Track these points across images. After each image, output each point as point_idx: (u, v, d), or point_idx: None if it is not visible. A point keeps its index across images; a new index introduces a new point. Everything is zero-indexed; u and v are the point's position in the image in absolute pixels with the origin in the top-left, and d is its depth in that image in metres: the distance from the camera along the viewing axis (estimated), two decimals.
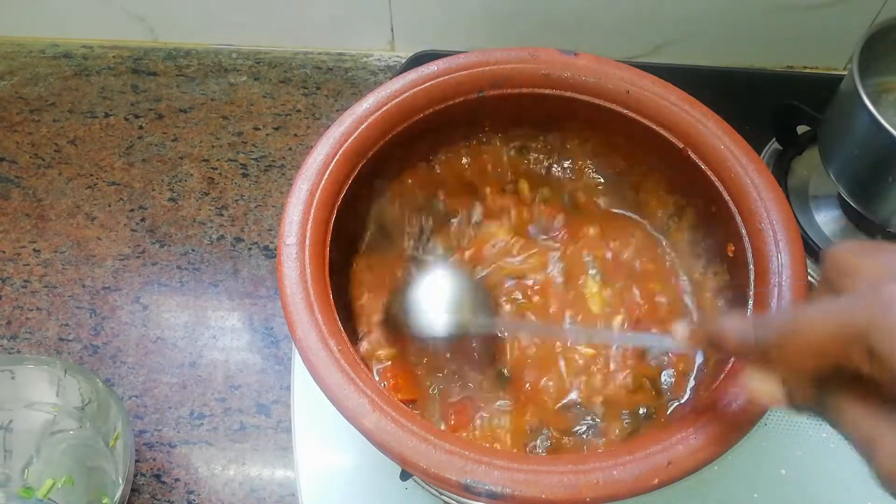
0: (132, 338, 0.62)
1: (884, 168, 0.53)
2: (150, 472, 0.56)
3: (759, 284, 0.44)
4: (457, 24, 0.74)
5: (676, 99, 0.49)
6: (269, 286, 0.64)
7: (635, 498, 0.36)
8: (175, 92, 0.76)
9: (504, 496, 0.36)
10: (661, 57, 0.75)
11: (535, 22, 0.73)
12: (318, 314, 0.41)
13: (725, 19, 0.71)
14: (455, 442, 0.37)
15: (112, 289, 0.64)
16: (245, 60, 0.79)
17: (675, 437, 0.37)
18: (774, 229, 0.44)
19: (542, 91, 0.51)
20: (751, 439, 0.38)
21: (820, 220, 0.62)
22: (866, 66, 0.53)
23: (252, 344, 0.62)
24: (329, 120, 0.73)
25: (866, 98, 0.51)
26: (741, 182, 0.46)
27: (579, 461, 0.37)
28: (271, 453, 0.57)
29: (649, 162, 0.52)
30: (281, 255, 0.43)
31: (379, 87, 0.49)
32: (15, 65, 0.79)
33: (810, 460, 0.53)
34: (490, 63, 0.50)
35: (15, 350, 0.61)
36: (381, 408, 0.38)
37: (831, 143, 0.57)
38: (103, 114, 0.75)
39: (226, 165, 0.71)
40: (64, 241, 0.67)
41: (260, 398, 0.59)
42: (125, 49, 0.80)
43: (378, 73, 0.78)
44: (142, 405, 0.59)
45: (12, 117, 0.75)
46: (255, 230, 0.67)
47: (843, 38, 0.70)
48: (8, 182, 0.70)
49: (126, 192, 0.70)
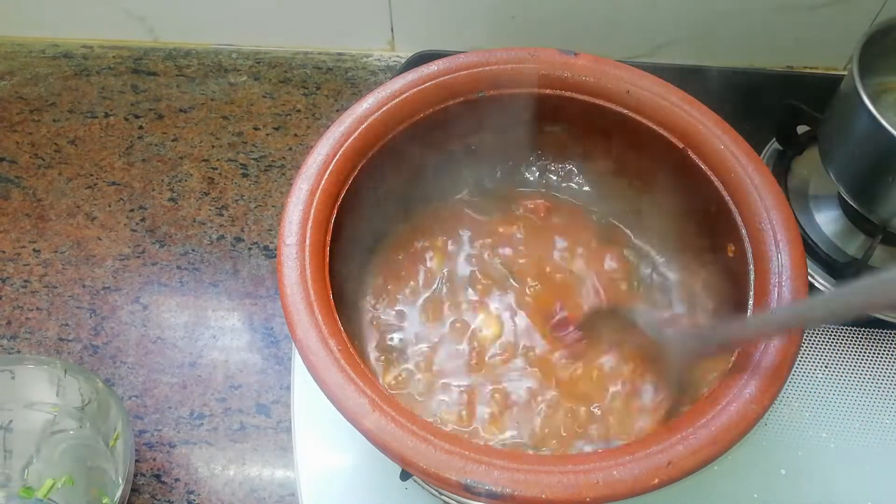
0: (132, 338, 0.62)
1: (884, 168, 0.53)
2: (150, 472, 0.56)
3: (759, 284, 0.44)
4: (457, 24, 0.74)
5: (676, 99, 0.49)
6: (269, 286, 0.64)
7: (635, 498, 0.36)
8: (175, 92, 0.76)
9: (504, 496, 0.36)
10: (661, 57, 0.75)
11: (535, 22, 0.73)
12: (318, 314, 0.41)
13: (726, 19, 0.71)
14: (455, 442, 0.37)
15: (112, 289, 0.64)
16: (245, 60, 0.79)
17: (675, 437, 0.37)
18: (774, 229, 0.44)
19: (542, 91, 0.51)
20: (751, 439, 0.38)
21: (820, 220, 0.62)
22: (866, 66, 0.53)
23: (252, 344, 0.62)
24: (329, 120, 0.73)
25: (866, 98, 0.51)
26: (741, 182, 0.46)
27: (579, 461, 0.37)
28: (271, 453, 0.57)
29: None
30: (281, 255, 0.43)
31: (379, 87, 0.49)
32: (15, 65, 0.79)
33: (810, 460, 0.53)
34: (490, 63, 0.50)
35: (15, 350, 0.61)
36: (381, 408, 0.38)
37: (831, 143, 0.57)
38: (103, 114, 0.75)
39: (226, 165, 0.71)
40: (64, 241, 0.67)
41: (260, 398, 0.59)
42: (125, 49, 0.80)
43: (378, 73, 0.78)
44: (142, 405, 0.59)
45: (12, 117, 0.75)
46: (255, 230, 0.67)
47: (843, 38, 0.70)
48: (8, 182, 0.70)
49: (126, 192, 0.70)
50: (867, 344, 0.57)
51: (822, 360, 0.56)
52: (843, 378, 0.56)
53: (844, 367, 0.56)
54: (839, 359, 0.56)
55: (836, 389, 0.55)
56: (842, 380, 0.56)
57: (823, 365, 0.56)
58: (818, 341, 0.57)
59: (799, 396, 0.55)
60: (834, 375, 0.56)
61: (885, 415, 0.54)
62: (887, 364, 0.56)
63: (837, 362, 0.56)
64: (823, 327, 0.57)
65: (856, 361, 0.56)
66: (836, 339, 0.57)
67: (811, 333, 0.57)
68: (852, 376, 0.56)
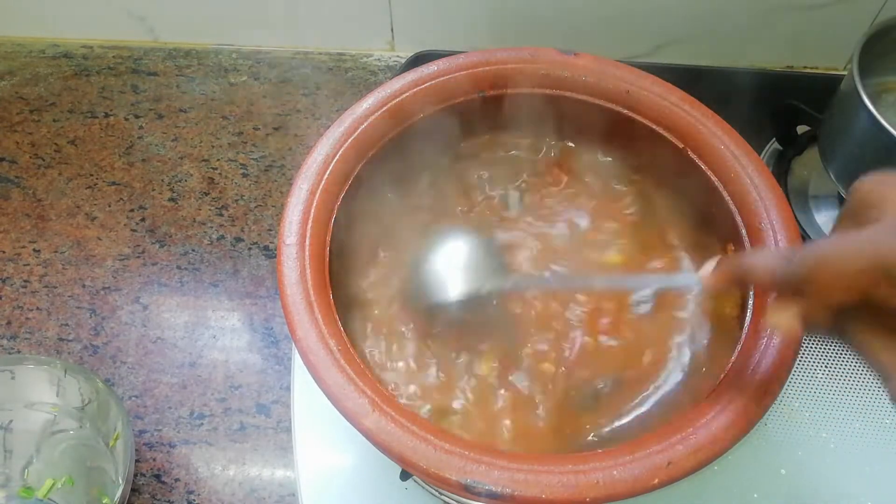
0: (132, 338, 0.62)
1: (884, 168, 0.52)
2: (150, 472, 0.56)
3: None
4: (457, 24, 0.74)
5: (676, 99, 0.49)
6: (269, 286, 0.64)
7: (635, 498, 0.36)
8: (175, 92, 0.76)
9: (504, 496, 0.36)
10: (661, 57, 0.75)
11: (535, 22, 0.73)
12: (318, 314, 0.41)
13: (725, 19, 0.71)
14: (455, 442, 0.37)
15: (112, 289, 0.64)
16: (245, 60, 0.79)
17: (675, 437, 0.37)
18: (774, 229, 0.44)
19: (542, 91, 0.51)
20: (751, 439, 0.38)
21: (820, 220, 0.62)
22: (866, 66, 0.53)
23: (252, 344, 0.62)
24: (329, 120, 0.73)
25: (866, 98, 0.51)
26: (741, 182, 0.46)
27: (579, 461, 0.37)
28: (271, 453, 0.57)
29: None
30: (281, 255, 0.43)
31: (379, 87, 0.49)
32: (15, 65, 0.79)
33: (810, 460, 0.53)
34: (490, 63, 0.50)
35: (15, 350, 0.61)
36: (381, 408, 0.38)
37: (831, 143, 0.57)
38: (103, 114, 0.75)
39: (226, 165, 0.71)
40: (64, 241, 0.67)
41: (260, 398, 0.59)
42: (125, 49, 0.80)
43: (378, 73, 0.78)
44: (142, 405, 0.59)
45: (12, 117, 0.75)
46: (255, 230, 0.67)
47: (843, 38, 0.70)
48: (8, 182, 0.70)
49: (126, 192, 0.70)
50: None
51: (822, 360, 0.56)
52: (843, 378, 0.56)
53: (844, 367, 0.56)
54: (839, 359, 0.56)
55: (836, 389, 0.55)
56: (842, 380, 0.56)
57: (823, 365, 0.56)
58: (818, 341, 0.57)
59: (799, 396, 0.55)
60: (834, 375, 0.56)
61: (885, 415, 0.54)
62: None
63: (837, 362, 0.56)
64: None
65: (856, 361, 0.56)
66: (836, 339, 0.57)
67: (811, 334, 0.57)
68: (852, 376, 0.56)
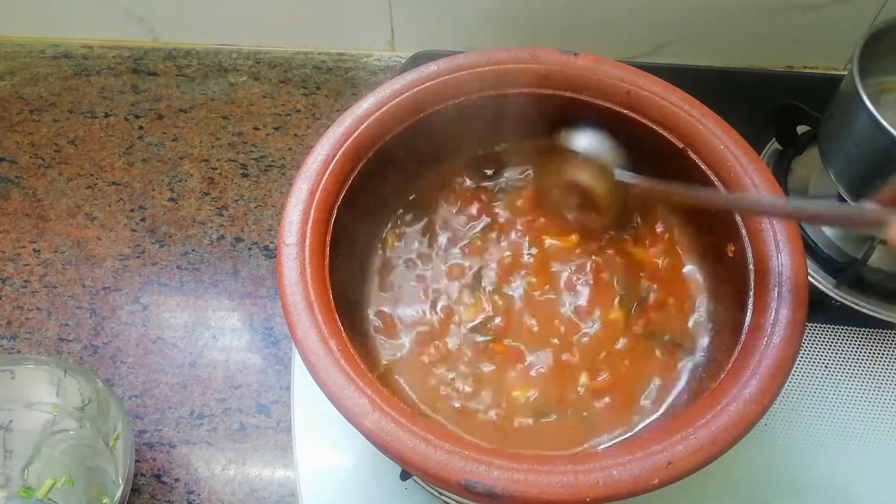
0: (132, 338, 0.62)
1: (884, 168, 0.52)
2: (150, 472, 0.56)
3: (759, 284, 0.44)
4: (457, 24, 0.74)
5: (676, 99, 0.49)
6: (269, 286, 0.64)
7: (635, 498, 0.36)
8: (175, 92, 0.76)
9: (504, 496, 0.36)
10: (661, 57, 0.75)
11: (535, 22, 0.73)
12: (318, 314, 0.41)
13: (726, 19, 0.71)
14: (455, 442, 0.37)
15: (112, 289, 0.64)
16: (245, 60, 0.79)
17: (675, 437, 0.37)
18: (774, 229, 0.44)
19: (542, 91, 0.51)
20: (751, 439, 0.38)
21: None
22: (866, 66, 0.53)
23: (252, 344, 0.62)
24: (329, 120, 0.73)
25: (866, 98, 0.51)
26: (741, 182, 0.46)
27: (579, 461, 0.37)
28: (271, 453, 0.57)
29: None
30: (281, 255, 0.43)
31: (379, 87, 0.49)
32: (15, 65, 0.79)
33: (810, 460, 0.53)
34: (490, 63, 0.50)
35: (15, 350, 0.61)
36: (381, 408, 0.38)
37: (831, 143, 0.57)
38: (103, 114, 0.75)
39: (226, 165, 0.71)
40: (64, 241, 0.67)
41: (260, 398, 0.59)
42: (125, 49, 0.80)
43: (378, 73, 0.78)
44: (142, 405, 0.59)
45: (12, 117, 0.75)
46: (255, 230, 0.67)
47: (843, 38, 0.70)
48: (8, 182, 0.70)
49: (126, 192, 0.70)
50: (867, 344, 0.57)
51: (822, 360, 0.56)
52: (843, 378, 0.56)
53: (844, 367, 0.56)
54: (839, 359, 0.56)
55: (836, 389, 0.55)
56: (842, 380, 0.56)
57: (823, 365, 0.56)
58: (818, 341, 0.57)
59: (799, 396, 0.55)
60: (834, 375, 0.56)
61: (885, 415, 0.54)
62: (887, 364, 0.56)
63: (837, 362, 0.56)
64: (823, 328, 0.57)
65: (856, 361, 0.56)
66: (836, 339, 0.57)
67: (811, 333, 0.57)
68: (852, 376, 0.56)
